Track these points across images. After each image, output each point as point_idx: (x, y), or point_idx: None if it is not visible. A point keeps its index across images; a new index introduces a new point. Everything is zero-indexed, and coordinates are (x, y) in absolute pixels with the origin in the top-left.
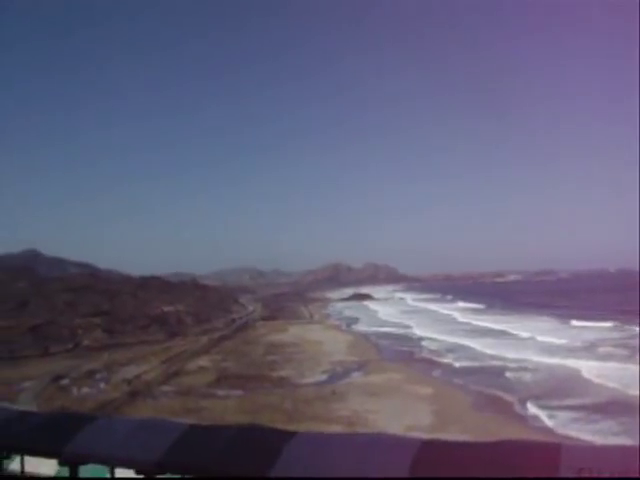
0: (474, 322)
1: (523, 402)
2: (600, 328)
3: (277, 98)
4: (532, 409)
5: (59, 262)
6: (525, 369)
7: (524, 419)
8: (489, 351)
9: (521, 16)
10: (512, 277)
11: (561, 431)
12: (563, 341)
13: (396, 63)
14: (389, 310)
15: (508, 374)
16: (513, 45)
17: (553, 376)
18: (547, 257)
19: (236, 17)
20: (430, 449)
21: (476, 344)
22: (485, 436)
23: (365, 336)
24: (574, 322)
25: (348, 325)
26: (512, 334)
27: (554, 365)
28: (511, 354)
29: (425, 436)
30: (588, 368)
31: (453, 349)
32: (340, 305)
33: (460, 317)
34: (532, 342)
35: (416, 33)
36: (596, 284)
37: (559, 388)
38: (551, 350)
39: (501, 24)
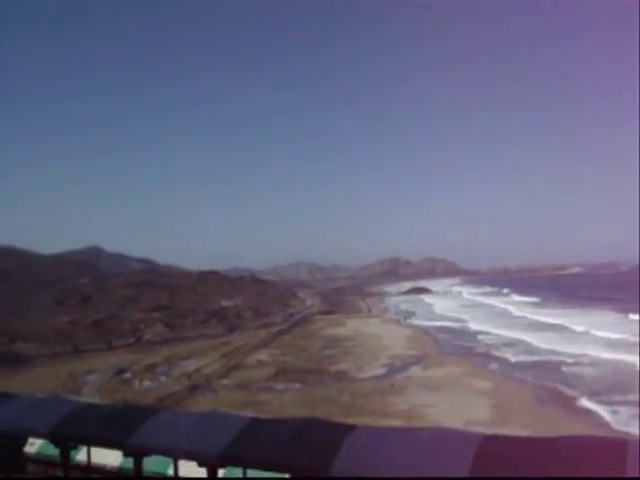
0: (530, 316)
1: (581, 397)
2: None
3: (334, 91)
4: (591, 404)
5: (120, 258)
6: (581, 364)
7: (584, 414)
8: (545, 345)
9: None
10: (574, 270)
11: (622, 428)
12: (620, 335)
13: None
14: (445, 304)
15: (564, 369)
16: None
17: (610, 371)
18: (610, 249)
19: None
20: (492, 444)
21: (532, 338)
22: (545, 431)
23: (423, 330)
24: (631, 316)
25: (404, 319)
26: (568, 328)
27: (611, 360)
28: (567, 348)
29: (485, 431)
30: None
31: (509, 343)
32: (396, 299)
33: (516, 311)
34: (588, 336)
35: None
36: None
37: (617, 383)
38: (607, 345)
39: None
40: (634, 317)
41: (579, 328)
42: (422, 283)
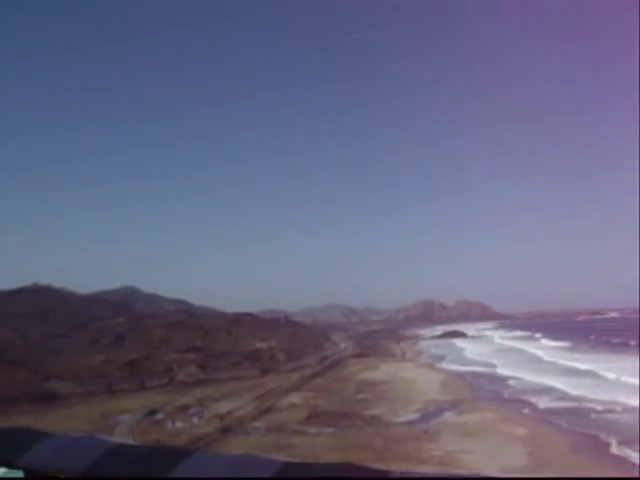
0: (560, 361)
1: (614, 444)
2: None
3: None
4: (624, 451)
5: (155, 298)
6: (611, 411)
7: (618, 460)
8: (573, 392)
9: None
10: (611, 315)
11: None
12: None
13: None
14: (476, 348)
15: (594, 416)
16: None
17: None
18: None
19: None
20: None
21: (561, 384)
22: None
23: (457, 374)
24: None
25: (434, 363)
26: (598, 374)
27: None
28: (596, 395)
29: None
30: None
31: (538, 389)
32: (428, 343)
33: (546, 356)
34: (618, 383)
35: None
36: None
37: None
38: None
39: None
40: None
41: (610, 375)
42: (456, 327)
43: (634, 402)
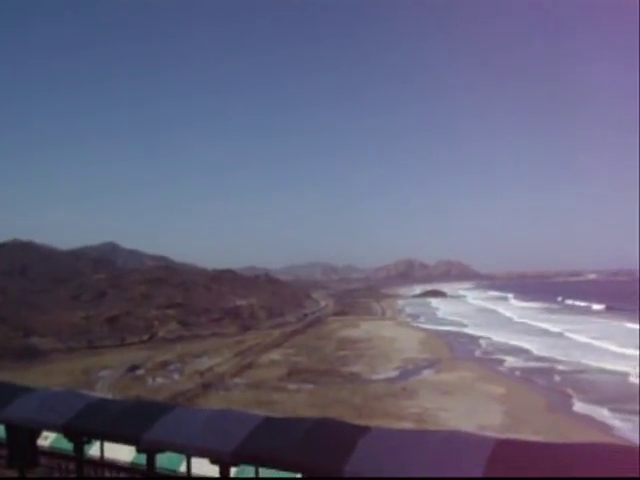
0: (530, 322)
1: (583, 404)
2: None
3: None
4: (591, 410)
5: (136, 255)
6: (581, 372)
7: (589, 421)
8: (542, 353)
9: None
10: (590, 277)
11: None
12: (616, 345)
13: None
14: (449, 308)
15: (560, 377)
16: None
17: (608, 381)
18: (628, 256)
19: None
20: (505, 448)
21: (530, 345)
22: (556, 437)
23: (437, 333)
24: (630, 325)
25: (410, 322)
26: (567, 337)
27: (609, 370)
28: (565, 357)
29: (497, 435)
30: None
31: (506, 350)
32: (404, 302)
33: (517, 317)
34: (587, 346)
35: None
36: None
37: (617, 393)
38: (606, 355)
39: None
40: (632, 326)
41: (579, 337)
42: (436, 286)
43: (599, 364)
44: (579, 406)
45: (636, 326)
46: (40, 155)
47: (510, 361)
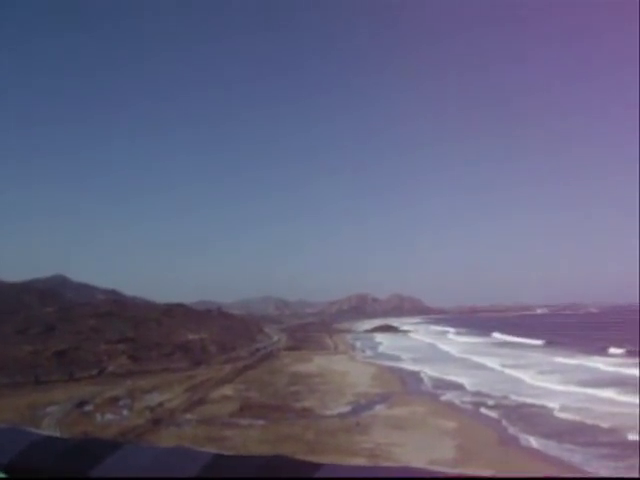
0: (472, 358)
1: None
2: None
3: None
4: (531, 442)
5: (86, 288)
6: (520, 406)
7: (536, 453)
8: (473, 388)
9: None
10: (539, 311)
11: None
12: (553, 382)
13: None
14: (392, 343)
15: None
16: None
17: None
18: (577, 291)
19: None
20: None
21: (464, 380)
22: (508, 470)
23: (388, 368)
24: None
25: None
26: (494, 370)
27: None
28: (494, 390)
29: (449, 470)
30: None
31: (440, 385)
32: (351, 336)
33: (457, 353)
34: (523, 382)
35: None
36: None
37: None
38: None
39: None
40: (572, 361)
41: (517, 374)
42: (387, 321)
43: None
44: (524, 438)
45: (570, 361)
46: None
47: (448, 396)
